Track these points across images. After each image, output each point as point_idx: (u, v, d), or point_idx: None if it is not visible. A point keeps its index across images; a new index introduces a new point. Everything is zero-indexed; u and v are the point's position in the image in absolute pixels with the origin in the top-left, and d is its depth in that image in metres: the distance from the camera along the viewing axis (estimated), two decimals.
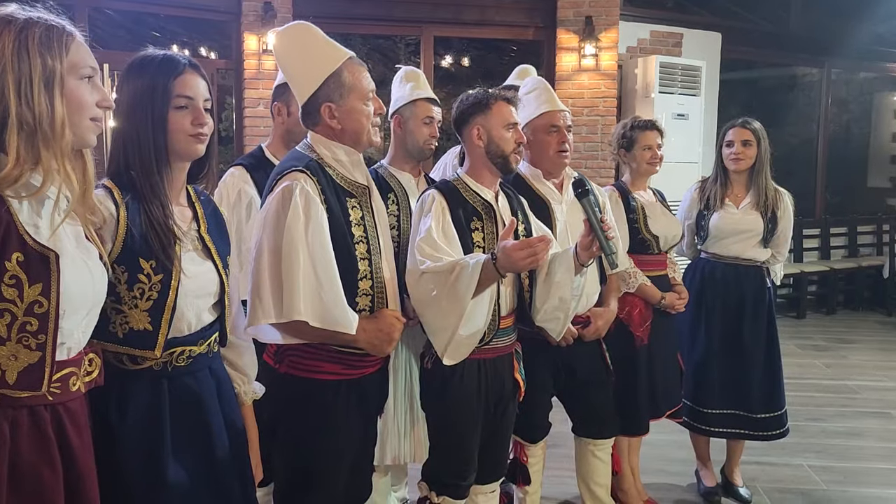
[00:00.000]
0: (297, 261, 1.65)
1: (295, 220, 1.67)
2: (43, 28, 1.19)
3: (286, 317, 1.65)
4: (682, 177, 5.14)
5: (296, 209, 1.67)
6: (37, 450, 1.20)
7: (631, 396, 2.76)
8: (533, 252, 1.82)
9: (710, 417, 3.03)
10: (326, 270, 1.70)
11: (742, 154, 2.97)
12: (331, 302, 1.69)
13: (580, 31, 5.62)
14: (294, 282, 1.64)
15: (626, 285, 2.76)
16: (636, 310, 2.78)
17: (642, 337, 2.80)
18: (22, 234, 1.16)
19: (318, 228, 1.70)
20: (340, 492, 1.84)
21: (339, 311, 1.70)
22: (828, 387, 4.73)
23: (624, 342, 2.76)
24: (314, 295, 1.67)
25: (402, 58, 7.53)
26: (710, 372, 3.02)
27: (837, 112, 8.02)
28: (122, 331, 1.39)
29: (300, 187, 1.70)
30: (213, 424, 1.49)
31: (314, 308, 1.66)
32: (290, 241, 1.65)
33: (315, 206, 1.71)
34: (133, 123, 1.41)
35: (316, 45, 1.81)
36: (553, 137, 2.47)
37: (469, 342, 2.04)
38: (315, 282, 1.67)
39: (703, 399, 3.04)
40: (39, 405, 1.21)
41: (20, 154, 1.15)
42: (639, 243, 2.82)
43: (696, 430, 3.09)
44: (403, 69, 2.55)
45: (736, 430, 3.04)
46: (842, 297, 7.25)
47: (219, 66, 5.80)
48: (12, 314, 1.16)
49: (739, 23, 6.82)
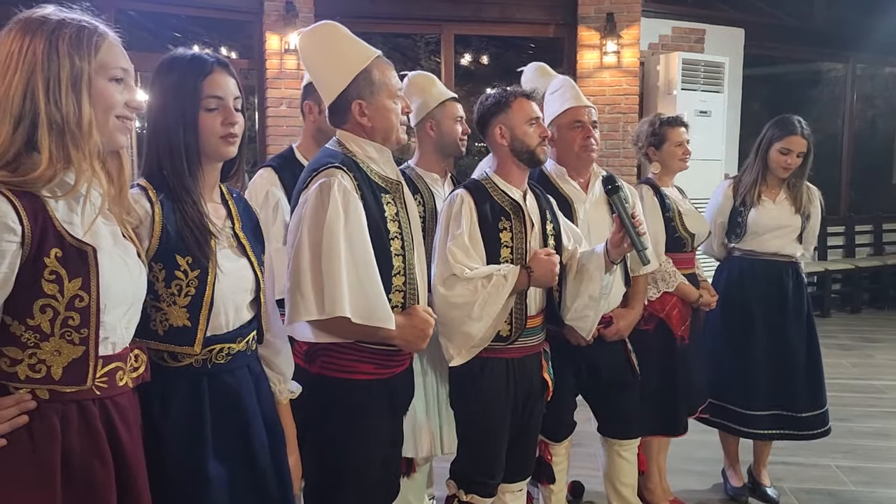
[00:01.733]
0: (338, 257, 1.65)
1: (335, 215, 1.67)
2: (74, 29, 1.20)
3: (329, 313, 1.65)
4: (705, 174, 5.11)
5: (335, 205, 1.67)
6: (87, 444, 1.22)
7: (671, 397, 2.74)
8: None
9: (753, 419, 2.96)
10: (367, 266, 1.70)
11: (795, 164, 2.93)
12: (372, 298, 1.70)
13: (601, 27, 5.58)
14: (336, 278, 1.64)
15: (665, 285, 2.74)
16: (675, 310, 2.76)
17: (683, 336, 2.77)
18: (59, 230, 1.18)
19: (357, 224, 1.71)
20: (371, 491, 1.85)
21: (380, 307, 1.71)
22: (854, 386, 4.68)
23: (664, 342, 2.74)
24: (356, 291, 1.67)
25: (422, 57, 7.54)
26: (754, 373, 2.95)
27: (862, 108, 7.90)
28: (163, 328, 1.40)
29: (338, 182, 1.70)
30: (252, 422, 1.50)
31: (356, 304, 1.67)
32: (331, 236, 1.66)
33: (354, 202, 1.71)
34: (164, 125, 1.43)
35: (345, 43, 1.82)
36: (578, 133, 2.46)
37: (480, 345, 2.07)
38: (356, 278, 1.68)
39: (745, 401, 2.97)
40: (87, 400, 1.23)
41: (52, 153, 1.17)
42: (675, 241, 2.79)
43: (736, 432, 3.02)
44: (412, 74, 2.52)
45: (779, 431, 2.98)
46: (867, 296, 7.16)
47: (241, 67, 5.82)
48: (54, 309, 1.18)
49: (763, 18, 6.74)
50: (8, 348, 1.18)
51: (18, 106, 1.16)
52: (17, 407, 1.17)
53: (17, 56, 1.17)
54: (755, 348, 2.96)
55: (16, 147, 1.17)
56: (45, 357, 1.19)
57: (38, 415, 1.19)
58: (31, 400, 1.18)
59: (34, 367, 1.19)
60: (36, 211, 1.16)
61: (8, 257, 1.14)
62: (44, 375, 1.19)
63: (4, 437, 1.16)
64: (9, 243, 1.13)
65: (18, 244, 1.14)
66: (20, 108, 1.16)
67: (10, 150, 1.17)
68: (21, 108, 1.16)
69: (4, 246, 1.13)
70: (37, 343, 1.18)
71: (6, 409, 1.16)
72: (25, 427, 1.18)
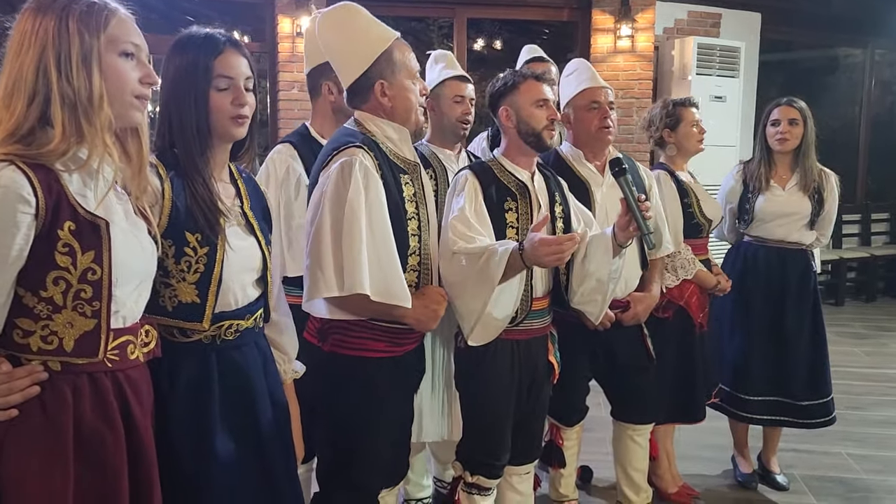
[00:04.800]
0: (358, 235, 1.66)
1: (356, 194, 1.68)
2: (84, 6, 1.22)
3: (348, 290, 1.66)
4: (720, 160, 5.05)
5: (356, 184, 1.68)
6: (99, 415, 1.23)
7: (691, 384, 2.74)
8: (559, 251, 1.81)
9: (751, 404, 2.97)
10: (386, 245, 1.72)
11: (788, 133, 2.89)
12: (391, 276, 1.71)
13: (616, 11, 5.53)
14: (356, 256, 1.65)
15: (685, 272, 2.72)
16: (694, 297, 2.74)
17: (703, 323, 2.76)
18: (73, 203, 1.20)
19: (377, 203, 1.72)
20: (383, 467, 1.86)
21: (397, 285, 1.72)
22: (868, 375, 4.65)
23: (684, 330, 2.73)
24: (375, 269, 1.68)
25: (434, 41, 7.50)
26: (751, 358, 2.96)
27: (880, 94, 7.78)
28: (172, 304, 1.41)
29: (359, 162, 1.71)
30: (258, 398, 1.51)
31: (375, 282, 1.68)
32: (352, 215, 1.67)
33: (374, 181, 1.72)
34: (176, 104, 1.43)
35: (366, 24, 1.83)
36: (594, 114, 2.44)
37: (497, 325, 2.04)
38: (375, 256, 1.69)
39: (744, 386, 2.98)
40: (99, 372, 1.25)
41: (65, 128, 1.19)
42: (692, 227, 2.77)
43: (737, 417, 3.04)
44: (434, 53, 2.56)
45: (778, 418, 2.98)
46: (882, 285, 7.08)
47: (253, 50, 5.80)
48: (67, 281, 1.19)
49: (780, 2, 6.64)
50: (21, 320, 1.20)
51: (32, 82, 1.18)
52: (30, 378, 1.19)
53: (30, 34, 1.19)
54: (753, 334, 2.96)
55: (30, 122, 1.19)
56: (58, 329, 1.20)
57: (50, 386, 1.20)
58: (43, 371, 1.20)
59: (46, 339, 1.20)
60: (50, 183, 1.18)
61: (23, 228, 1.15)
62: (56, 347, 1.21)
63: (17, 408, 1.17)
64: (24, 214, 1.15)
65: (33, 216, 1.16)
66: (34, 85, 1.18)
67: (25, 125, 1.19)
68: (34, 84, 1.18)
69: (20, 217, 1.14)
70: (49, 315, 1.20)
71: (19, 380, 1.18)
72: (38, 398, 1.19)
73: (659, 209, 2.57)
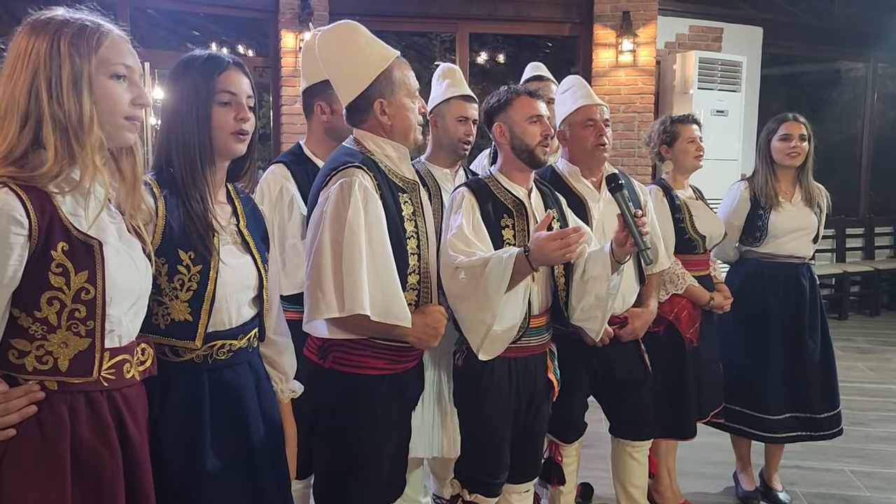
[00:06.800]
0: (358, 256, 1.67)
1: (355, 214, 1.68)
2: (76, 28, 1.23)
3: (349, 311, 1.66)
4: (721, 174, 5.06)
5: (356, 204, 1.69)
6: (96, 434, 1.24)
7: (680, 399, 2.72)
8: (566, 244, 1.81)
9: (772, 423, 2.92)
10: (386, 265, 1.72)
11: (800, 148, 2.90)
12: (391, 296, 1.72)
13: (617, 26, 5.55)
14: (356, 276, 1.66)
15: (673, 287, 2.72)
16: (684, 312, 2.73)
17: (692, 339, 2.74)
18: (66, 224, 1.21)
19: (377, 223, 1.72)
20: (381, 484, 1.86)
21: (398, 305, 1.73)
22: (871, 390, 4.62)
23: (673, 345, 2.72)
24: (375, 289, 1.69)
25: (437, 55, 7.54)
26: (771, 376, 2.91)
27: (883, 108, 7.78)
28: (164, 322, 1.42)
29: (358, 182, 1.72)
30: (251, 418, 1.51)
31: (375, 302, 1.68)
32: (351, 235, 1.67)
33: (374, 201, 1.73)
34: (179, 121, 1.45)
35: (366, 43, 1.83)
36: (590, 131, 2.44)
37: (505, 337, 2.03)
38: (375, 276, 1.69)
39: (762, 405, 2.92)
40: (95, 391, 1.25)
41: (57, 150, 1.20)
42: (685, 243, 2.77)
43: (756, 437, 2.98)
44: (441, 66, 2.55)
45: (799, 433, 2.94)
46: (886, 299, 7.06)
47: (256, 64, 5.87)
48: (61, 301, 1.20)
49: (781, 16, 6.67)
50: (16, 340, 1.20)
51: (24, 105, 1.20)
52: (27, 397, 1.19)
53: (23, 56, 1.20)
54: (773, 352, 2.92)
55: (24, 144, 1.20)
56: (53, 349, 1.21)
57: (47, 405, 1.21)
58: (40, 391, 1.20)
59: (41, 359, 1.21)
60: (43, 205, 1.19)
61: (17, 249, 1.16)
62: (51, 367, 1.21)
63: (14, 428, 1.18)
64: (17, 236, 1.16)
65: (26, 237, 1.17)
66: (26, 107, 1.20)
67: (19, 148, 1.20)
68: (27, 106, 1.20)
69: (13, 238, 1.15)
70: (44, 335, 1.20)
71: (16, 400, 1.18)
72: (35, 417, 1.20)
73: (654, 224, 2.57)
